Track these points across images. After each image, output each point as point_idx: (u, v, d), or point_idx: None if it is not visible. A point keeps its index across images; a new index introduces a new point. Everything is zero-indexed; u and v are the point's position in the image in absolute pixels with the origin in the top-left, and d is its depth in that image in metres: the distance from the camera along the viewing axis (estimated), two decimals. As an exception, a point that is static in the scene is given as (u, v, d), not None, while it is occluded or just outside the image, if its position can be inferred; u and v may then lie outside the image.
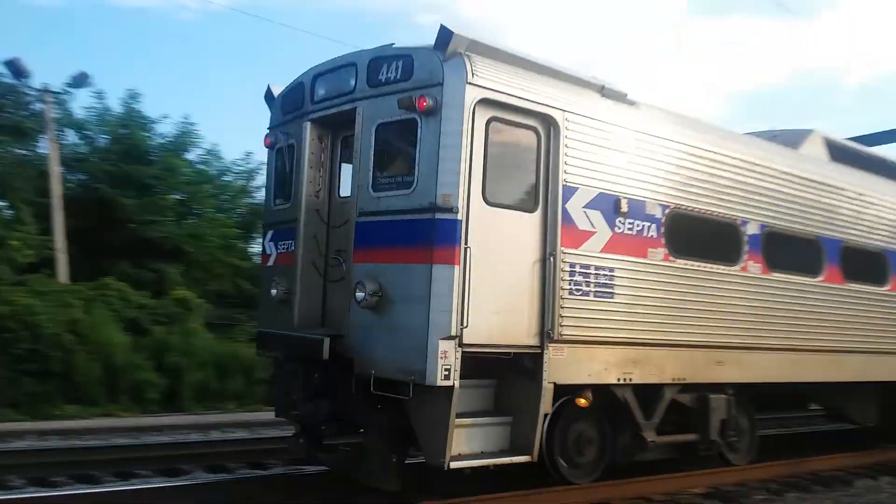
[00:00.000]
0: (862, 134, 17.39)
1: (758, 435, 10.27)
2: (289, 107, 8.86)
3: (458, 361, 6.65)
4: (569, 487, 7.83)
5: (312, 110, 8.36)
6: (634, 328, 8.08)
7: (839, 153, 11.95)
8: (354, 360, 7.23)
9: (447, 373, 6.59)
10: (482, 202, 6.94)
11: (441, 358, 6.57)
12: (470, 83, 6.84)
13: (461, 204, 6.74)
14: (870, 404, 12.27)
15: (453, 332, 6.61)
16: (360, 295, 7.09)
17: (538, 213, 7.41)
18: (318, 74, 8.38)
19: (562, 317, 7.34)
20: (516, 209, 7.30)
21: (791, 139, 11.48)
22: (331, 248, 8.28)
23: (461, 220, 6.74)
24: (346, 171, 8.32)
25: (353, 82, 7.77)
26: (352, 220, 7.57)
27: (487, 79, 7.00)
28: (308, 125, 8.35)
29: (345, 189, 8.37)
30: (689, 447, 9.29)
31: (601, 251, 7.79)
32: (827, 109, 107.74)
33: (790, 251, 10.17)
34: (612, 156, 7.98)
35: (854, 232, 11.24)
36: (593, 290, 7.68)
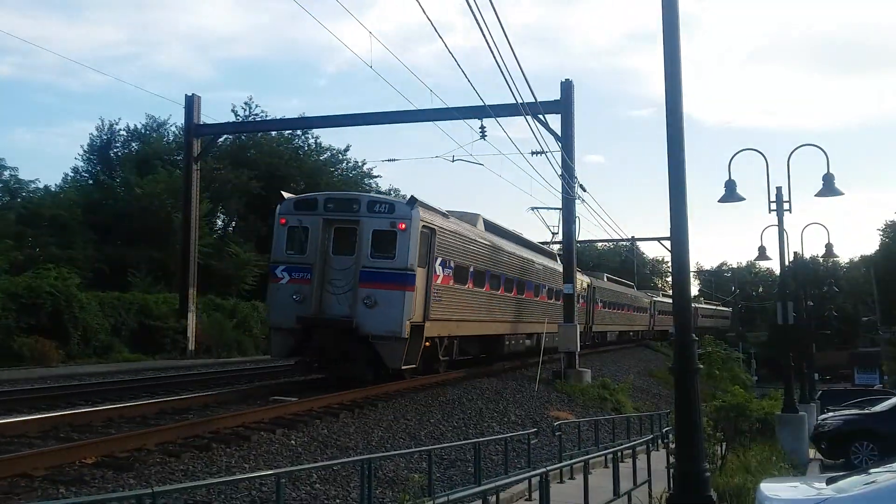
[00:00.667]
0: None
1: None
2: (302, 207, 18.60)
3: (409, 327, 17.54)
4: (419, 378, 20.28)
5: (324, 214, 18.30)
6: (451, 315, 20.54)
7: (490, 227, 26.12)
8: (357, 328, 17.51)
9: (406, 330, 17.47)
10: (417, 265, 17.89)
11: (406, 325, 17.43)
12: (420, 219, 18.01)
13: (414, 266, 17.75)
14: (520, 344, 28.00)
15: (407, 318, 17.49)
16: (366, 301, 17.53)
17: (426, 268, 18.56)
18: (329, 198, 18.90)
19: (430, 310, 18.72)
20: (422, 267, 18.26)
21: (469, 219, 24.09)
22: (326, 278, 18.15)
23: (415, 274, 17.80)
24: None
25: (356, 207, 18.20)
26: (355, 269, 17.85)
27: (423, 217, 18.23)
28: (321, 220, 18.21)
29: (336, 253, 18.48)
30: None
31: (441, 283, 19.69)
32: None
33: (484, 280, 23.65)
34: (449, 242, 20.22)
35: (504, 267, 25.71)
36: (440, 298, 19.52)
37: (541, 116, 26.64)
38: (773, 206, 18.80)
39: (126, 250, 37.78)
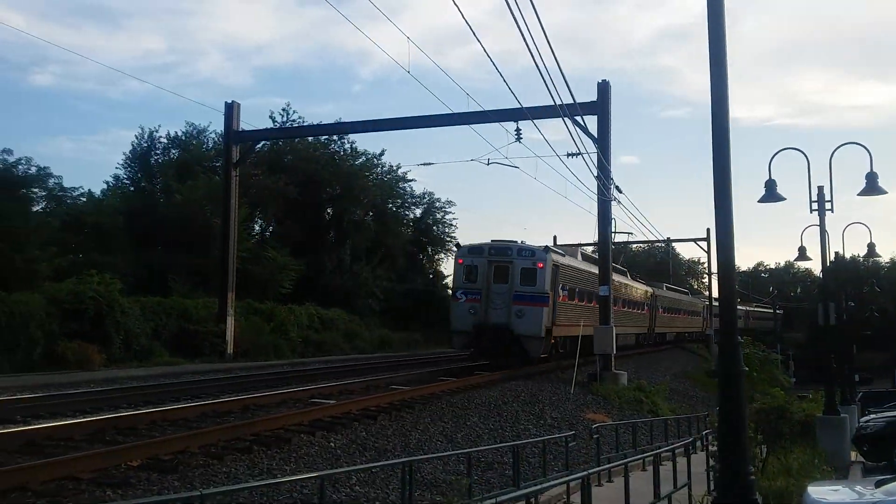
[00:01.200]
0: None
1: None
2: (474, 252, 27.49)
3: (544, 330, 26.57)
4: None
5: (488, 257, 26.97)
6: (567, 322, 28.95)
7: (584, 257, 34.56)
8: (512, 330, 26.13)
9: (543, 332, 26.54)
10: (549, 290, 26.83)
11: (543, 329, 26.50)
12: (551, 260, 27.16)
13: (547, 291, 26.75)
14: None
15: (544, 324, 26.50)
16: (517, 313, 26.22)
17: (553, 291, 27.41)
18: (492, 246, 27.31)
19: (557, 317, 27.96)
20: (551, 291, 27.11)
21: (571, 252, 33.38)
22: (490, 299, 26.55)
23: (548, 296, 26.80)
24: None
25: (509, 253, 26.99)
26: (509, 293, 26.46)
27: (552, 258, 27.34)
28: (486, 261, 26.93)
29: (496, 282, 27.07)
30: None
31: (561, 301, 28.57)
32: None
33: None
34: (565, 273, 29.41)
35: (593, 286, 30.52)
36: (561, 311, 28.46)
37: (577, 118, 26.55)
38: (815, 205, 18.54)
39: (166, 256, 38.31)
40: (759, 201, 16.98)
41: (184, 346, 29.74)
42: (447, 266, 61.72)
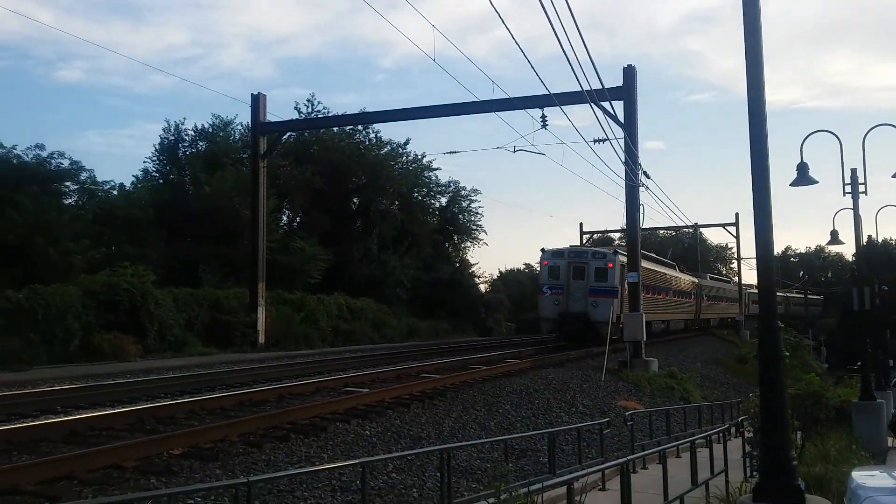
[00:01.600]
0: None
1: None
2: (556, 255, 33.87)
3: (614, 317, 31.03)
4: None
5: (568, 259, 33.38)
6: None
7: (644, 257, 33.66)
8: (589, 317, 32.09)
9: (613, 319, 30.77)
10: (617, 286, 32.18)
11: (612, 316, 31.01)
12: (619, 260, 32.19)
13: (616, 287, 32.07)
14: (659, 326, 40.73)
15: (614, 313, 31.18)
16: (593, 304, 32.11)
17: (620, 286, 31.80)
18: (571, 251, 34.77)
19: (624, 307, 30.88)
20: (619, 286, 31.98)
21: (618, 249, 35.94)
22: (570, 293, 32.72)
23: (617, 290, 31.94)
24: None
25: (585, 255, 33.72)
26: (585, 288, 32.47)
27: (619, 259, 32.39)
28: (566, 262, 33.27)
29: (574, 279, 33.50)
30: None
31: (625, 294, 30.85)
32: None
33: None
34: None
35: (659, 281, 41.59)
36: (626, 302, 30.84)
37: (603, 103, 26.39)
38: (848, 188, 18.29)
39: (196, 247, 38.73)
40: (791, 185, 16.72)
41: (216, 336, 30.10)
42: (473, 255, 62.11)
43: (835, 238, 23.19)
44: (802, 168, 16.58)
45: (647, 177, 30.06)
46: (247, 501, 5.84)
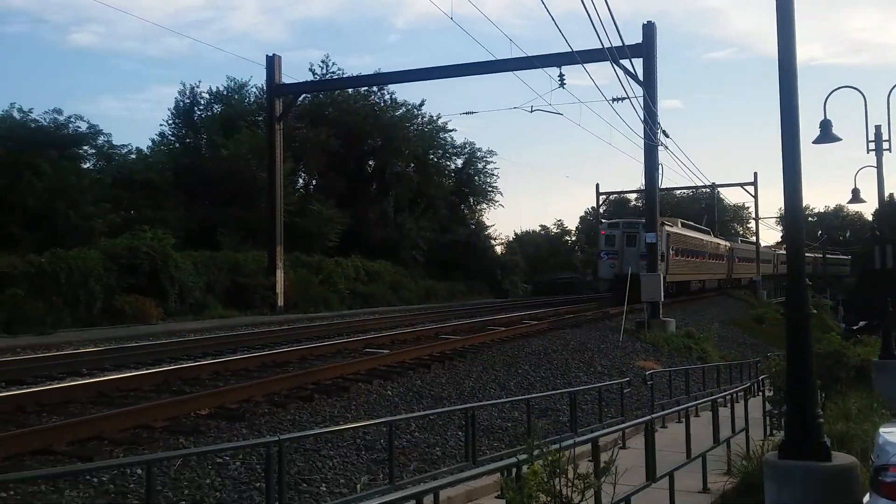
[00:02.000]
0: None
1: None
2: (612, 226, 41.59)
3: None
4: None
5: (622, 229, 39.91)
6: (677, 272, 42.28)
7: (684, 225, 48.21)
8: (634, 277, 29.90)
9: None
10: (664, 251, 37.83)
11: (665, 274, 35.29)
12: (666, 230, 38.65)
13: (664, 251, 36.93)
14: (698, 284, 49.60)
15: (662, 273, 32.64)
16: (643, 267, 30.04)
17: (667, 251, 39.03)
18: (625, 222, 41.53)
19: (670, 270, 39.77)
20: (665, 251, 38.05)
21: (673, 221, 45.31)
22: (624, 257, 37.83)
23: (666, 254, 37.90)
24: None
25: (636, 226, 37.50)
26: (637, 254, 36.34)
27: (666, 229, 39.05)
28: (621, 231, 39.72)
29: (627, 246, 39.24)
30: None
31: (672, 258, 40.47)
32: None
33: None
34: (674, 238, 41.74)
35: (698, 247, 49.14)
36: (673, 264, 40.72)
37: (623, 61, 26.05)
38: (872, 146, 18.06)
39: (214, 210, 38.87)
40: (813, 142, 16.52)
41: (236, 299, 30.34)
42: (489, 217, 62.61)
43: (856, 196, 22.89)
44: (826, 125, 16.34)
45: (667, 136, 29.84)
46: (278, 459, 5.93)
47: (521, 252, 65.42)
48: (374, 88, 52.12)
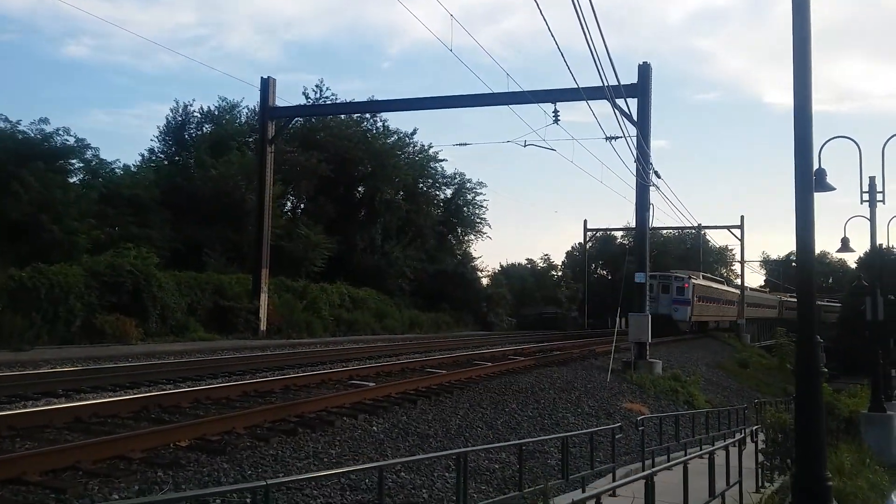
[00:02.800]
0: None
1: None
2: (651, 277, 38.59)
3: (689, 317, 54.48)
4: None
5: (659, 279, 52.51)
6: (699, 314, 57.62)
7: (706, 279, 63.95)
8: (671, 317, 52.04)
9: (689, 319, 54.75)
10: (691, 298, 54.52)
11: (689, 317, 54.36)
12: (693, 281, 54.98)
13: (690, 298, 54.23)
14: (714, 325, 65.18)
15: (689, 315, 54.20)
16: (675, 309, 52.74)
17: (693, 297, 54.57)
18: (661, 275, 54.20)
19: (694, 312, 55.68)
20: (692, 297, 54.70)
21: (695, 274, 60.56)
22: (660, 301, 51.40)
23: (691, 301, 54.04)
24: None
25: (670, 278, 54.40)
26: (670, 298, 53.20)
27: (693, 281, 55.24)
28: (657, 281, 51.26)
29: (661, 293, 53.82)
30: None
31: (696, 303, 55.32)
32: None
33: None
34: (697, 288, 56.42)
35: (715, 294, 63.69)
36: (696, 308, 56.18)
37: (618, 100, 26.14)
38: (866, 196, 18.09)
39: (200, 230, 38.48)
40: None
41: (218, 321, 29.91)
42: (476, 248, 63.39)
43: (846, 245, 22.90)
44: (821, 174, 16.34)
45: (658, 176, 29.92)
46: (264, 503, 5.63)
47: (506, 285, 65.34)
48: (367, 115, 52.15)
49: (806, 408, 6.27)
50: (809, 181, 6.58)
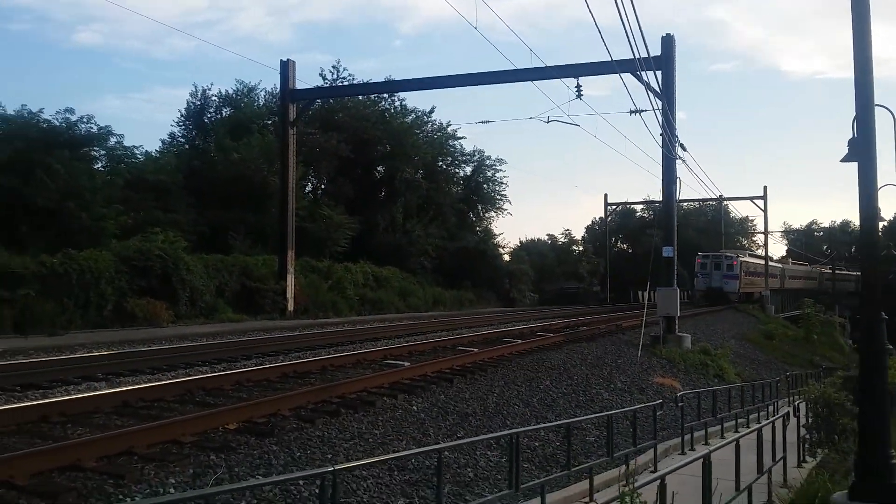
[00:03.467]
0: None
1: None
2: (704, 256, 64.59)
3: (739, 289, 63.86)
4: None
5: (712, 258, 64.20)
6: (746, 285, 66.08)
7: (751, 255, 76.29)
8: (723, 290, 62.24)
9: (738, 290, 63.59)
10: (740, 273, 64.25)
11: (738, 289, 63.59)
12: (741, 259, 65.81)
13: (740, 273, 64.09)
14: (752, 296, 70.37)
15: (738, 287, 63.66)
16: (725, 283, 62.85)
17: (741, 272, 64.31)
18: (713, 254, 65.13)
19: (742, 285, 64.82)
20: (740, 273, 64.31)
21: (737, 252, 71.47)
22: (713, 277, 63.56)
23: (739, 275, 63.76)
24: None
25: (721, 257, 64.41)
26: (722, 274, 63.35)
27: (741, 258, 66.50)
28: (710, 260, 64.19)
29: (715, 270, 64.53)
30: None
31: (744, 277, 65.03)
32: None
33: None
34: (744, 264, 66.12)
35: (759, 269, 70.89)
36: (745, 282, 65.96)
37: (640, 73, 25.87)
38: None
39: (224, 213, 38.65)
40: (841, 160, 16.25)
41: (246, 302, 30.11)
42: (497, 225, 63.85)
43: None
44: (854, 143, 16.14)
45: (684, 149, 29.67)
46: (332, 489, 5.68)
47: (527, 260, 65.25)
48: (385, 94, 51.97)
49: (870, 386, 6.21)
50: (872, 159, 6.50)
